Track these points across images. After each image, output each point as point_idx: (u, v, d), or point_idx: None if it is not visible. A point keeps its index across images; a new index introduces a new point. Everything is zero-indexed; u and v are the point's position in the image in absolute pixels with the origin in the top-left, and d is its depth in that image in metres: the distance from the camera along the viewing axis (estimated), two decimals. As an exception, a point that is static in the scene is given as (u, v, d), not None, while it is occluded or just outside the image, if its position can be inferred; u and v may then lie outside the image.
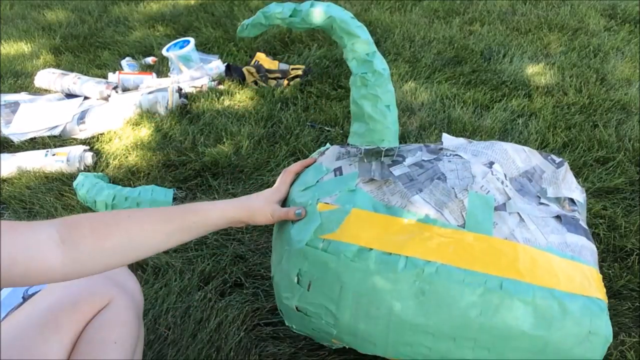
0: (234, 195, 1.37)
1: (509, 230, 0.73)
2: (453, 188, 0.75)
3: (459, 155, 0.82)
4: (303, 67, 1.95)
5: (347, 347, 0.79)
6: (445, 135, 0.91)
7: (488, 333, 0.68)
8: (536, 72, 1.94)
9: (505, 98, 1.77)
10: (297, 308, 0.75)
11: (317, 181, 0.82)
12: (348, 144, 0.86)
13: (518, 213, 0.76)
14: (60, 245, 0.56)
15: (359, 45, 0.80)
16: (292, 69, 1.94)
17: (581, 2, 2.53)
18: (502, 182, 0.78)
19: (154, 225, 0.65)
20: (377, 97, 0.80)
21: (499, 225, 0.73)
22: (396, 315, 0.69)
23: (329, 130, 1.61)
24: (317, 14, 0.79)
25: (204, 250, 1.20)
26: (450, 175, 0.77)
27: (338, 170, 0.82)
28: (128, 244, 0.62)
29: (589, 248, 0.78)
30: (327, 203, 0.77)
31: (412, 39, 2.20)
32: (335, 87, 1.87)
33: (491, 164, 0.81)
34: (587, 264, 0.75)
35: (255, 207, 0.76)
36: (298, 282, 0.74)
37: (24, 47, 2.37)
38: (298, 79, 1.90)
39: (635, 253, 1.16)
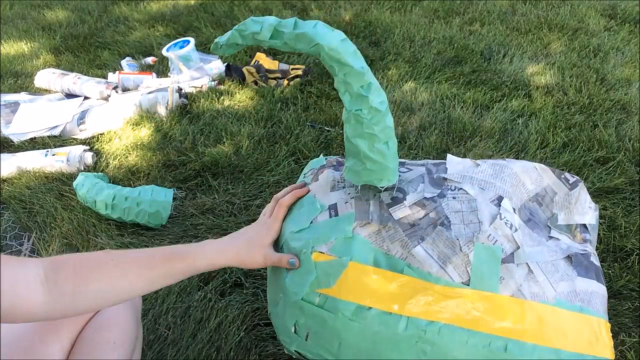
0: (234, 196, 1.37)
1: (516, 286, 0.70)
2: (457, 239, 0.71)
3: (464, 191, 0.76)
4: (303, 67, 1.95)
5: None
6: (449, 158, 0.84)
7: None
8: (536, 72, 1.94)
9: (505, 98, 1.77)
10: (296, 351, 0.74)
11: (311, 222, 0.77)
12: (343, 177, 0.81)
13: (527, 263, 0.72)
14: (44, 284, 0.57)
15: (352, 76, 0.69)
16: (292, 69, 1.94)
17: (581, 2, 2.53)
18: (511, 227, 0.73)
19: (138, 271, 0.64)
20: (374, 136, 0.71)
21: (506, 280, 0.70)
22: None
23: (329, 130, 1.61)
24: (302, 39, 0.67)
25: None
26: (455, 220, 0.73)
27: (333, 209, 0.77)
28: (109, 289, 0.62)
29: (599, 293, 0.76)
30: (323, 252, 0.72)
31: (412, 39, 2.20)
32: (335, 87, 1.87)
33: (499, 199, 0.76)
34: (596, 314, 0.73)
35: (245, 255, 0.73)
36: (295, 332, 0.73)
37: (24, 47, 2.37)
38: (298, 79, 1.90)
39: (635, 253, 1.16)
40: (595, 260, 0.79)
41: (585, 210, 0.84)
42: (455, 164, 0.82)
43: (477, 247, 0.70)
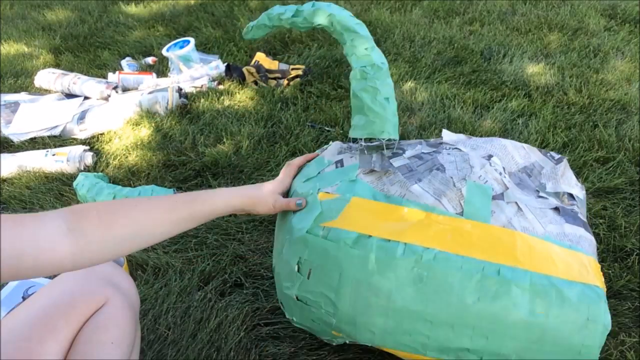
0: (234, 195, 1.37)
1: (506, 219, 0.74)
2: (451, 177, 0.77)
3: (458, 149, 0.84)
4: (303, 67, 1.95)
5: (347, 342, 0.80)
6: (445, 131, 0.92)
7: (486, 320, 0.69)
8: (536, 72, 1.94)
9: (505, 98, 1.77)
10: (297, 297, 0.76)
11: (319, 172, 0.84)
12: (349, 140, 0.88)
13: (516, 203, 0.77)
14: (68, 235, 0.56)
15: (358, 41, 0.82)
16: (292, 69, 1.94)
17: (581, 2, 2.53)
18: (500, 173, 0.80)
19: (161, 214, 0.66)
20: (377, 90, 0.81)
21: (497, 213, 0.75)
22: (394, 302, 0.70)
23: (329, 130, 1.61)
24: (318, 13, 0.83)
25: (204, 250, 1.20)
26: (449, 167, 0.79)
27: (339, 163, 0.84)
28: (136, 232, 0.63)
29: (588, 239, 0.79)
30: (328, 192, 0.79)
31: (412, 39, 2.20)
32: (335, 87, 1.87)
33: (490, 156, 0.83)
34: (585, 253, 0.76)
35: (258, 197, 0.79)
36: (298, 271, 0.75)
37: (24, 47, 2.37)
38: (298, 79, 1.90)
39: (635, 253, 1.16)
40: (582, 217, 0.83)
41: (572, 184, 0.89)
42: (450, 135, 0.92)
43: (469, 184, 0.76)
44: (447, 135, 0.92)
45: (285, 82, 1.89)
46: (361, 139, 0.85)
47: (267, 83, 1.89)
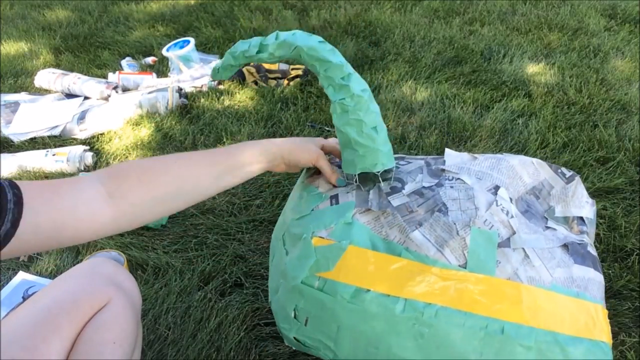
0: (234, 196, 1.37)
1: (512, 269, 0.70)
2: (454, 223, 0.72)
3: (462, 180, 0.78)
4: (303, 67, 1.95)
5: None
6: (447, 152, 0.86)
7: None
8: (536, 72, 1.94)
9: (505, 98, 1.77)
10: (295, 338, 0.75)
11: (312, 210, 0.79)
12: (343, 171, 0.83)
13: (523, 249, 0.72)
14: (108, 201, 0.55)
15: (333, 70, 0.74)
16: (292, 69, 1.94)
17: (581, 2, 2.53)
18: (507, 213, 0.74)
19: (203, 169, 0.64)
20: (361, 122, 0.74)
21: (502, 263, 0.71)
22: (395, 356, 0.68)
23: (328, 130, 1.61)
24: (284, 46, 0.75)
25: (204, 250, 1.20)
26: (452, 206, 0.74)
27: (334, 199, 0.79)
28: (178, 190, 0.62)
29: (596, 281, 0.76)
30: (323, 237, 0.74)
31: (412, 39, 2.20)
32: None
33: (496, 188, 0.78)
34: (593, 300, 0.73)
35: (300, 145, 0.76)
36: (295, 317, 0.73)
37: (24, 47, 2.37)
38: (298, 79, 1.90)
39: (635, 253, 1.16)
40: (592, 250, 0.79)
41: (582, 204, 0.85)
42: (453, 157, 0.85)
43: (473, 231, 0.71)
44: (450, 157, 0.85)
45: (285, 82, 1.89)
46: (355, 175, 0.79)
47: (267, 83, 1.89)
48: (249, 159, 0.70)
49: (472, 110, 1.70)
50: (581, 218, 0.83)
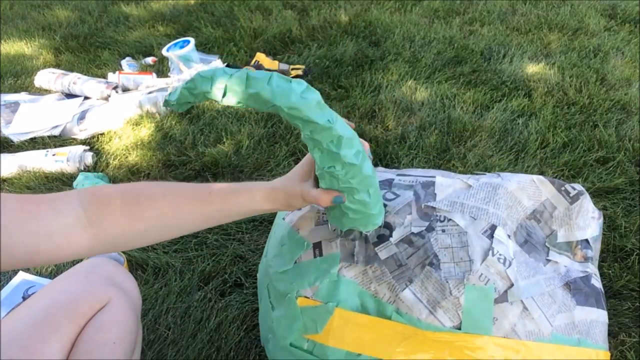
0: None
1: (510, 326, 0.67)
2: (447, 281, 0.67)
3: (454, 222, 0.72)
4: (303, 67, 1.95)
5: None
6: (439, 181, 0.78)
7: None
8: (536, 72, 1.94)
9: (505, 98, 1.77)
10: None
11: (295, 262, 0.75)
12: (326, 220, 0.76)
13: (521, 301, 0.69)
14: (87, 229, 0.54)
15: (319, 133, 0.60)
16: (292, 69, 1.94)
17: (581, 2, 2.53)
18: (504, 262, 0.70)
19: (192, 207, 0.60)
20: (353, 189, 0.64)
21: (500, 320, 0.67)
22: None
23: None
24: (257, 100, 0.58)
25: (204, 250, 1.20)
26: (445, 257, 0.69)
27: (317, 248, 0.74)
28: (162, 225, 0.59)
29: (599, 321, 0.73)
30: (308, 297, 0.71)
31: (412, 39, 2.20)
32: (335, 87, 1.87)
33: (492, 229, 0.72)
34: (594, 346, 0.71)
35: (289, 191, 0.66)
36: None
37: (24, 47, 2.37)
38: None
39: (635, 253, 1.16)
40: (596, 282, 0.76)
41: (587, 223, 0.80)
42: (445, 187, 0.78)
43: (467, 289, 0.67)
44: (441, 189, 0.77)
45: (285, 82, 1.89)
46: (340, 231, 0.72)
47: (267, 83, 1.89)
48: (245, 203, 0.63)
49: (472, 110, 1.70)
50: (586, 240, 0.79)
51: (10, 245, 0.50)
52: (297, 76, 1.90)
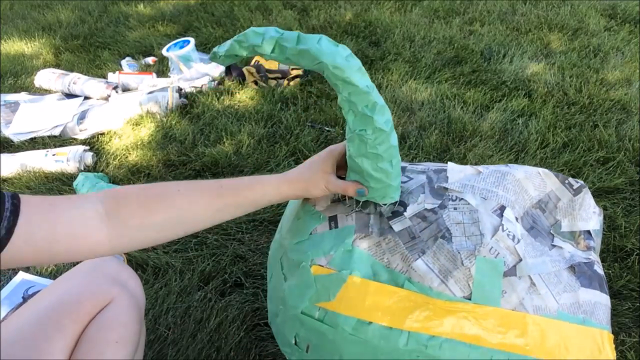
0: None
1: (518, 299, 0.69)
2: (459, 252, 0.69)
3: (466, 201, 0.75)
4: (303, 67, 1.95)
5: None
6: (450, 166, 0.82)
7: None
8: (536, 72, 1.94)
9: (505, 98, 1.77)
10: None
11: (311, 233, 0.76)
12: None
13: (529, 276, 0.71)
14: (106, 221, 0.56)
15: (357, 96, 0.65)
16: (292, 69, 1.94)
17: (581, 2, 2.53)
18: (514, 238, 0.72)
19: (205, 200, 0.63)
20: (379, 156, 0.68)
21: (508, 293, 0.69)
22: None
23: (329, 130, 1.61)
24: (305, 56, 0.63)
25: (204, 250, 1.20)
26: (456, 232, 0.71)
27: (333, 221, 0.76)
28: (177, 219, 0.61)
29: (602, 304, 0.75)
30: (322, 266, 0.72)
31: (412, 39, 2.20)
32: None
33: (502, 209, 0.74)
34: (599, 326, 0.72)
35: (310, 181, 0.70)
36: (296, 344, 0.73)
37: (24, 47, 2.37)
38: (298, 79, 1.90)
39: (635, 253, 1.16)
40: (599, 268, 0.78)
41: (589, 215, 0.82)
42: (456, 172, 0.80)
43: (478, 260, 0.69)
44: (452, 172, 0.80)
45: (285, 82, 1.89)
46: (358, 202, 0.75)
47: (267, 83, 1.89)
48: (259, 197, 0.67)
49: (472, 110, 1.70)
50: (588, 231, 0.81)
51: (31, 232, 0.50)
52: (297, 76, 1.90)
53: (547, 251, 0.76)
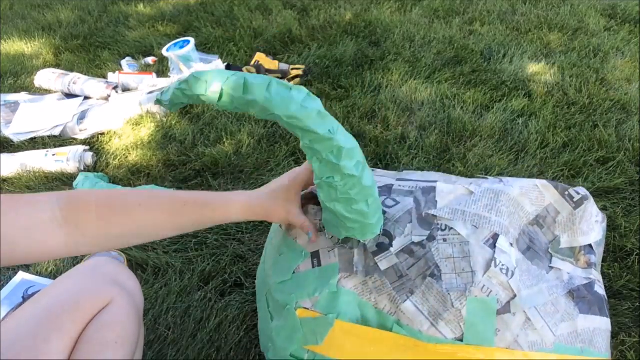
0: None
1: (512, 337, 0.66)
2: (449, 293, 0.66)
3: (455, 231, 0.71)
4: (303, 67, 1.95)
5: None
6: (439, 188, 0.76)
7: None
8: (536, 72, 1.94)
9: (505, 98, 1.77)
10: None
11: (294, 272, 0.74)
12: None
13: (524, 312, 0.68)
14: (63, 227, 0.56)
15: (319, 143, 0.59)
16: (292, 69, 1.94)
17: (581, 2, 2.53)
18: (507, 272, 0.69)
19: (166, 217, 0.63)
20: (351, 200, 0.63)
21: (502, 332, 0.66)
22: None
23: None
24: (255, 106, 0.57)
25: (204, 250, 1.20)
26: (446, 268, 0.68)
27: (316, 257, 0.73)
28: (136, 232, 0.61)
29: (602, 329, 0.73)
30: (307, 309, 0.70)
31: (412, 39, 2.20)
32: (335, 87, 1.87)
33: (495, 238, 0.71)
34: (597, 354, 0.71)
35: (271, 207, 0.70)
36: None
37: (24, 47, 2.37)
38: (298, 79, 1.90)
39: (635, 253, 1.16)
40: (599, 288, 0.76)
41: (591, 227, 0.79)
42: (446, 194, 0.76)
43: (470, 301, 0.66)
44: (441, 195, 0.75)
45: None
46: (338, 239, 0.72)
47: (267, 83, 1.89)
48: (220, 219, 0.66)
49: (472, 110, 1.70)
50: (589, 244, 0.78)
51: None
52: (297, 76, 1.90)
53: (544, 275, 0.73)
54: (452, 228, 0.71)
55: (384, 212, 0.73)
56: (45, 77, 1.94)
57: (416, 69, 1.95)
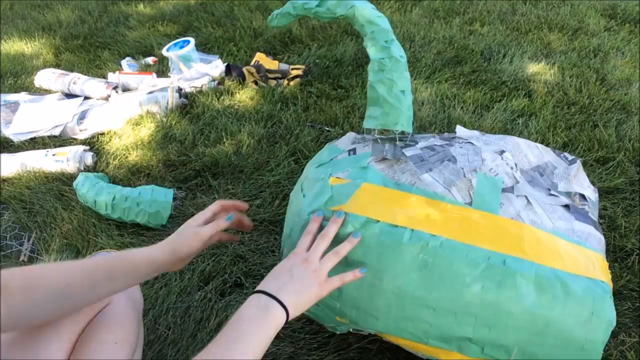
0: (234, 195, 1.37)
1: (515, 211, 0.74)
2: (462, 168, 0.78)
3: (471, 143, 0.85)
4: (303, 67, 1.95)
5: (351, 330, 0.79)
6: (459, 127, 0.95)
7: (489, 309, 0.69)
8: (536, 72, 1.94)
9: (505, 98, 1.77)
10: None
11: (331, 159, 0.86)
12: (363, 131, 0.90)
13: (526, 197, 0.77)
14: None
15: (379, 33, 0.82)
16: (292, 69, 1.94)
17: (581, 2, 2.53)
18: (512, 168, 0.80)
19: (79, 273, 0.62)
20: (393, 82, 0.81)
21: (506, 205, 0.75)
22: (398, 288, 0.70)
23: (329, 130, 1.61)
24: (341, 5, 0.83)
25: (204, 250, 1.20)
26: (461, 159, 0.80)
27: (352, 151, 0.86)
28: (54, 293, 0.60)
29: (597, 237, 0.78)
30: (339, 177, 0.79)
31: (412, 39, 2.20)
32: (335, 87, 1.87)
33: (502, 152, 0.83)
34: (593, 250, 0.75)
35: (179, 244, 0.72)
36: None
37: (24, 47, 2.37)
38: (298, 79, 1.90)
39: (635, 253, 1.16)
40: (593, 217, 0.83)
41: (584, 186, 0.89)
42: (463, 130, 0.94)
43: (479, 175, 0.77)
44: (461, 130, 0.94)
45: (285, 82, 1.89)
46: (374, 130, 0.86)
47: (267, 83, 1.89)
48: (130, 268, 0.67)
49: (472, 110, 1.70)
50: (583, 196, 0.86)
51: None
52: (297, 76, 1.90)
53: (544, 194, 0.82)
54: (468, 142, 0.86)
55: (412, 134, 0.89)
56: (45, 77, 1.94)
57: (416, 69, 1.95)
